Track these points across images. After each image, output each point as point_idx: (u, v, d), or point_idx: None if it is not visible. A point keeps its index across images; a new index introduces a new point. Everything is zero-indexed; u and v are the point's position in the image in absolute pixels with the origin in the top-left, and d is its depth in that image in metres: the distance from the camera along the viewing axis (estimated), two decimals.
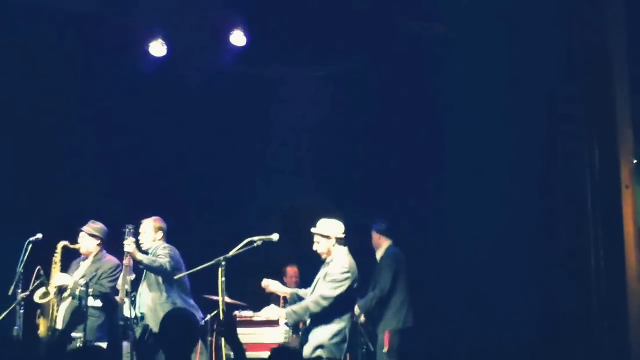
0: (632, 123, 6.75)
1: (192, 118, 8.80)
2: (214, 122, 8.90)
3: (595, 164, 6.94)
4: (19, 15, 7.71)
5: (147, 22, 8.01)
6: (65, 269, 7.18)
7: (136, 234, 6.94)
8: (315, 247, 6.69)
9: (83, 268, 7.19)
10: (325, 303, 6.46)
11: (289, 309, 6.64)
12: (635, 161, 6.77)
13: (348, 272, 6.51)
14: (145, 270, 7.03)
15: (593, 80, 6.83)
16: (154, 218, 7.26)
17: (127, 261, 6.85)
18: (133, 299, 7.25)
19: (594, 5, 6.73)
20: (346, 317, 6.56)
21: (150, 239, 7.19)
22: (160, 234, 7.23)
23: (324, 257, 6.68)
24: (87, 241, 7.18)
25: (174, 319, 5.05)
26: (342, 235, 6.68)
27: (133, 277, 7.06)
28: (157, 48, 8.24)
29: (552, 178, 7.02)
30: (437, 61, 7.77)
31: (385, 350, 7.34)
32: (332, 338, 6.46)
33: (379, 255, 7.76)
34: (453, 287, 7.58)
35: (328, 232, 6.65)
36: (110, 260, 7.17)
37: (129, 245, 6.68)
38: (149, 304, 7.01)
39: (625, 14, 6.66)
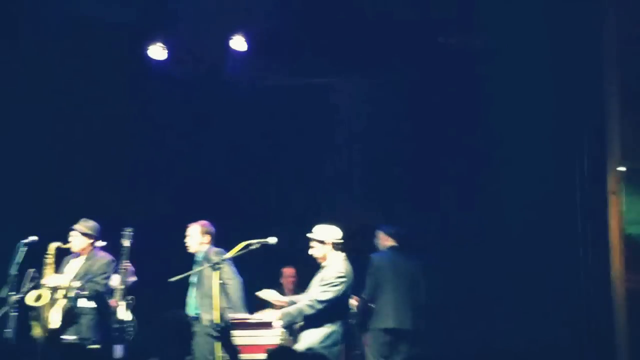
0: (619, 132, 6.98)
1: (199, 122, 8.80)
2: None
3: (584, 171, 7.18)
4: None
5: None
6: (57, 268, 7.11)
7: (135, 237, 6.90)
8: (311, 252, 6.72)
9: (76, 266, 7.04)
10: (319, 306, 6.51)
11: (285, 309, 6.68)
12: (622, 168, 6.97)
13: (343, 276, 6.56)
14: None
15: (584, 92, 7.07)
16: (201, 222, 7.21)
17: (125, 264, 6.80)
18: (130, 301, 7.23)
19: (590, 22, 6.93)
20: (338, 320, 6.62)
21: (197, 242, 7.16)
22: (208, 238, 7.18)
23: (320, 261, 6.73)
24: (80, 240, 7.03)
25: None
26: (339, 241, 6.72)
27: (131, 279, 7.04)
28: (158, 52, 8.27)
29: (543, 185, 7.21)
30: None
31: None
32: (322, 341, 6.50)
33: None
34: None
35: (323, 237, 6.68)
36: (103, 257, 7.04)
37: None
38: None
39: (617, 32, 6.87)
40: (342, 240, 6.69)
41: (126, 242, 6.84)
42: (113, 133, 8.49)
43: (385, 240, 7.62)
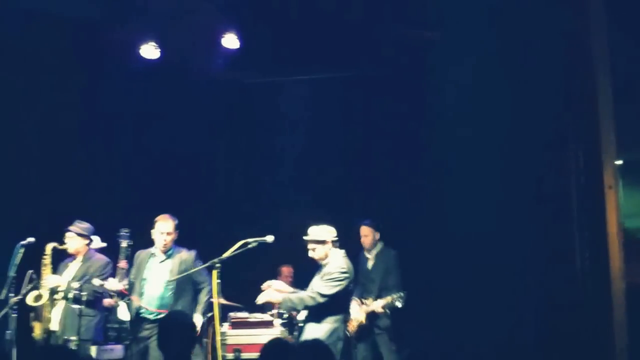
0: (614, 125, 6.96)
1: (192, 122, 8.88)
2: (212, 126, 8.99)
3: (580, 165, 7.15)
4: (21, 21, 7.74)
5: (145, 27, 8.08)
6: (54, 270, 7.15)
7: (131, 238, 6.94)
8: (311, 254, 6.73)
9: (73, 268, 7.16)
10: (321, 300, 6.52)
11: (287, 295, 6.68)
12: (618, 162, 6.95)
13: (346, 272, 6.60)
14: None
15: (577, 85, 7.06)
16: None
17: (122, 264, 6.83)
18: (128, 301, 7.24)
19: (577, 12, 6.92)
20: (341, 316, 6.64)
21: None
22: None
23: (321, 262, 6.74)
24: (76, 241, 7.15)
25: (174, 321, 5.11)
26: (336, 238, 6.77)
27: (126, 281, 7.05)
28: (150, 51, 8.31)
29: (539, 180, 7.17)
30: (428, 65, 7.91)
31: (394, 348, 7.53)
32: (327, 337, 6.52)
33: (373, 254, 7.87)
34: (445, 289, 7.73)
35: (323, 237, 6.71)
36: (100, 258, 7.16)
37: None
38: None
39: (607, 22, 6.85)
40: (337, 238, 6.74)
41: (124, 243, 6.88)
42: (107, 132, 8.57)
43: (376, 235, 7.71)
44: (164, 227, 7.04)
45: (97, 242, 7.58)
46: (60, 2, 7.91)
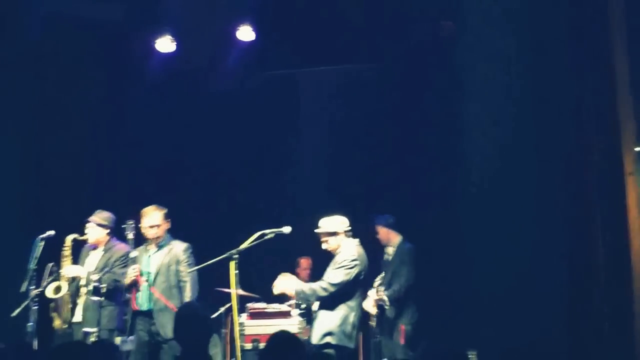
0: (634, 112, 6.88)
1: (211, 114, 8.92)
2: (232, 119, 9.01)
3: (600, 152, 7.08)
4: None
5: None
6: (74, 260, 7.20)
7: (137, 229, 6.97)
8: (324, 247, 6.70)
9: (95, 258, 7.17)
10: (332, 289, 6.49)
11: (300, 287, 6.65)
12: (638, 149, 6.88)
13: (356, 259, 6.55)
14: None
15: (596, 73, 6.99)
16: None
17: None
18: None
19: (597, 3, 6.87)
20: (353, 304, 6.58)
21: None
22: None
23: (334, 253, 6.72)
24: (96, 231, 7.16)
25: (186, 315, 5.12)
26: (349, 228, 6.74)
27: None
28: (166, 44, 8.35)
29: (558, 169, 7.12)
30: (449, 58, 7.88)
31: (402, 343, 7.48)
32: (340, 325, 6.49)
33: (391, 249, 7.87)
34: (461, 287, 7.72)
35: (334, 228, 6.67)
36: (121, 248, 7.16)
37: None
38: None
39: (626, 11, 6.78)
40: (350, 227, 6.71)
41: (130, 235, 6.92)
42: (121, 128, 8.63)
43: (389, 234, 7.70)
44: (146, 222, 7.04)
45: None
46: (79, 4, 7.98)
